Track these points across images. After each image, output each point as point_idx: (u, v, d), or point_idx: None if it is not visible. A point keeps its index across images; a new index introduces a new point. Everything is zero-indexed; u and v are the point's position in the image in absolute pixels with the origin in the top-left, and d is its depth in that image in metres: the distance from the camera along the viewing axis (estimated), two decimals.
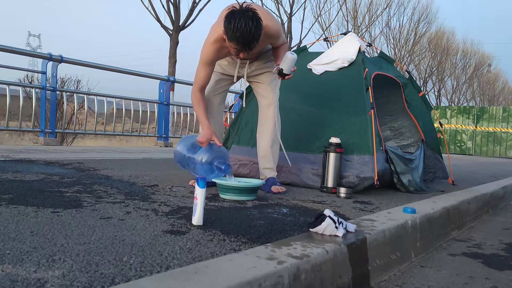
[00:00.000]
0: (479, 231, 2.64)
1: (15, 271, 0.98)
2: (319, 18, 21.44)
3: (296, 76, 2.58)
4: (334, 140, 2.69)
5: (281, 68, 2.41)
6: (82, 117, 7.42)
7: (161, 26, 14.12)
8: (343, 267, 1.42)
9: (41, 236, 1.29)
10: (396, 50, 27.21)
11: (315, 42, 4.24)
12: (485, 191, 3.42)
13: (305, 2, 20.10)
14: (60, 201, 1.82)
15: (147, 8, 14.09)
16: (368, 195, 2.67)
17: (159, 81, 7.57)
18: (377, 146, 2.78)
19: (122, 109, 8.36)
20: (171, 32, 14.08)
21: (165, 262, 1.13)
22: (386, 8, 24.91)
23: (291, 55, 2.38)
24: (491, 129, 13.95)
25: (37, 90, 5.99)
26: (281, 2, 19.22)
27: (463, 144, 14.29)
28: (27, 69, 9.83)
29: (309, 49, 3.74)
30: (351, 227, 1.62)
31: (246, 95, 2.96)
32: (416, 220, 2.03)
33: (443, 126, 9.49)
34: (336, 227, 1.54)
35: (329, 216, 1.56)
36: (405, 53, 27.51)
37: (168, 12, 14.21)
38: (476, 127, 14.15)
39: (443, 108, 15.19)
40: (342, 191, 2.53)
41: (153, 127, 7.94)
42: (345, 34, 3.52)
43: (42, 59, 5.88)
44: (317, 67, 3.38)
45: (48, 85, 5.93)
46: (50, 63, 5.88)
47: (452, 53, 33.10)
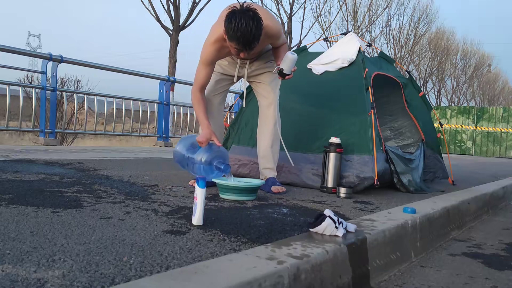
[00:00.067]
0: (479, 231, 2.64)
1: (15, 271, 0.98)
2: (319, 18, 21.47)
3: (296, 76, 2.58)
4: (334, 140, 2.70)
5: (281, 68, 2.41)
6: (82, 117, 7.42)
7: (161, 26, 14.13)
8: (343, 267, 1.42)
9: (41, 236, 1.29)
10: (396, 50, 27.21)
11: (315, 42, 4.24)
12: (485, 191, 3.42)
13: (305, 2, 20.13)
14: (60, 201, 1.82)
15: (147, 8, 14.11)
16: (368, 195, 2.67)
17: (159, 81, 7.57)
18: (377, 146, 2.78)
19: (122, 109, 8.36)
20: (171, 32, 14.08)
21: (165, 262, 1.13)
22: (386, 8, 24.95)
23: (291, 55, 2.38)
24: (491, 129, 13.95)
25: (37, 90, 5.99)
26: (281, 2, 19.24)
27: (463, 144, 14.29)
28: (27, 69, 9.84)
29: (309, 49, 3.74)
30: (351, 227, 1.62)
31: (246, 95, 2.96)
32: (416, 220, 2.03)
33: (443, 126, 9.49)
34: (336, 227, 1.54)
35: (329, 216, 1.56)
36: (405, 53, 27.50)
37: (168, 12, 14.21)
38: (476, 127, 14.15)
39: (443, 108, 15.19)
40: (342, 191, 2.53)
41: (153, 127, 7.94)
42: (345, 34, 3.52)
43: (42, 59, 5.88)
44: (317, 67, 3.38)
45: (48, 85, 5.93)
46: (50, 63, 5.88)
47: (452, 53, 33.10)
